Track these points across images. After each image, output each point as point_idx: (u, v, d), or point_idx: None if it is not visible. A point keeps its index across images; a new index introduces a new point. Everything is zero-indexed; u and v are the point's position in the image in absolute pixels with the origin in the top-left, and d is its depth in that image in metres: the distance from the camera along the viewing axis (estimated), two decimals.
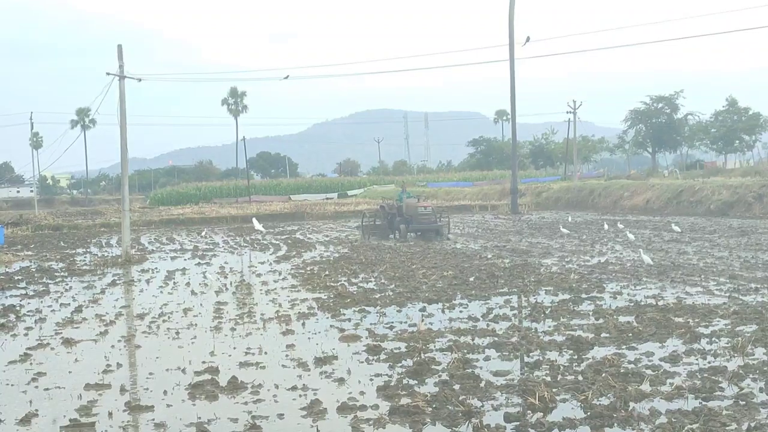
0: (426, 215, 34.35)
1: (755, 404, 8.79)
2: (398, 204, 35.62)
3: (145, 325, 15.34)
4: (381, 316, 15.50)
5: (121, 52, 30.24)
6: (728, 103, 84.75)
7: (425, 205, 35.17)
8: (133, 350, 13.25)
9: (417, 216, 34.16)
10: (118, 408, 9.59)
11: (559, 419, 8.47)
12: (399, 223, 34.57)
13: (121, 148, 30.37)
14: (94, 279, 23.86)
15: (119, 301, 19.31)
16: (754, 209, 43.37)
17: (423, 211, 34.38)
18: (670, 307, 14.92)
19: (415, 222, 34.23)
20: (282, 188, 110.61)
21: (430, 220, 34.43)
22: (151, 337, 14.21)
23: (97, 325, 15.59)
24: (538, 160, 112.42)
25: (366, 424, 8.65)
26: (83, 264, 28.57)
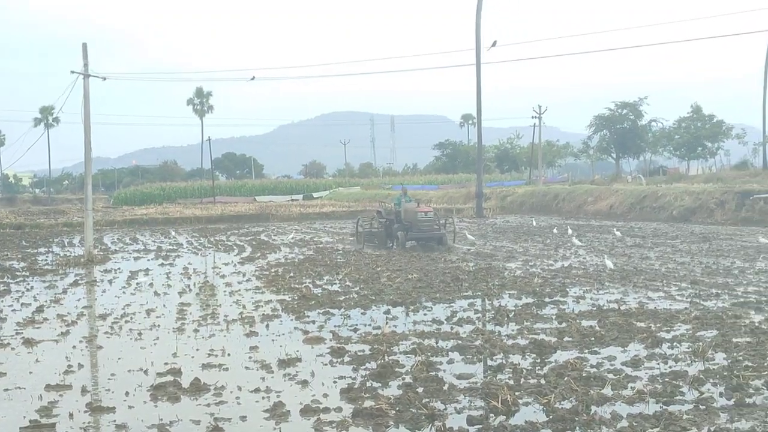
0: (426, 221, 30.50)
1: (715, 409, 8.88)
2: (396, 209, 31.89)
3: (108, 326, 15.21)
4: (345, 318, 15.48)
5: (86, 50, 29.98)
6: (693, 110, 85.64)
7: (425, 210, 31.16)
8: (95, 351, 13.13)
9: (416, 222, 30.38)
10: (79, 409, 9.50)
11: (521, 422, 8.51)
12: (397, 230, 31.00)
13: (85, 146, 30.10)
14: (55, 279, 23.62)
15: (81, 301, 19.12)
16: (715, 215, 43.85)
17: (423, 216, 30.44)
18: (632, 312, 15.04)
19: (414, 229, 30.49)
20: (247, 189, 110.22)
21: (431, 226, 30.65)
22: (113, 338, 14.09)
23: (59, 325, 15.44)
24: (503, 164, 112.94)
25: (329, 426, 8.64)
26: (45, 264, 28.28)
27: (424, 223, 30.36)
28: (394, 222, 31.43)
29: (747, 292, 17.42)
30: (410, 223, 30.47)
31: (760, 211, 41.44)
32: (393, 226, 31.35)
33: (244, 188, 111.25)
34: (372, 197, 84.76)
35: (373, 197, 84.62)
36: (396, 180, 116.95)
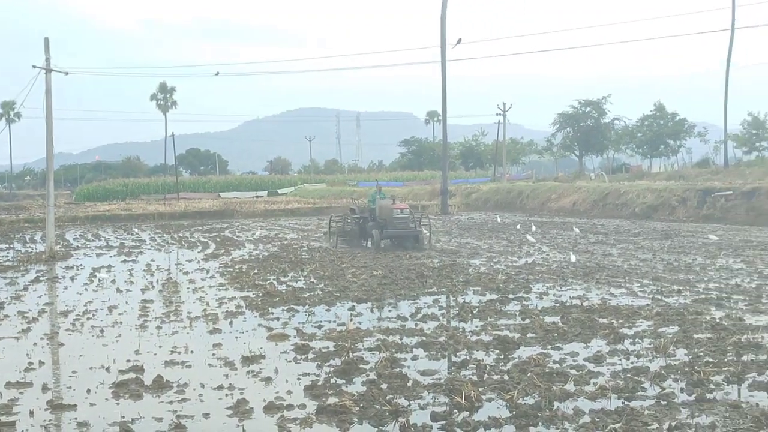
0: (402, 219, 29.00)
1: (676, 404, 8.97)
2: (371, 206, 30.67)
3: (69, 323, 15.08)
4: (310, 315, 15.46)
5: (48, 45, 29.66)
6: (656, 108, 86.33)
7: (401, 208, 29.55)
8: (56, 348, 13.01)
9: (392, 220, 28.89)
10: (40, 407, 9.40)
11: (484, 418, 8.54)
12: (372, 228, 29.59)
13: (47, 142, 29.79)
14: (16, 275, 23.37)
15: (42, 298, 18.93)
16: (677, 213, 44.26)
17: (398, 214, 28.93)
18: (594, 308, 15.15)
19: (389, 227, 29.01)
20: (211, 185, 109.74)
21: (407, 225, 29.21)
22: (74, 335, 13.97)
23: (20, 322, 15.28)
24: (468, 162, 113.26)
25: (293, 423, 8.62)
26: (6, 260, 27.96)
27: (400, 221, 29.01)
28: (368, 220, 30.27)
29: (708, 289, 17.60)
30: (385, 220, 29.18)
31: (721, 209, 41.88)
32: (367, 224, 30.18)
33: (208, 184, 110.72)
34: (337, 194, 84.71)
35: (338, 194, 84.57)
36: (362, 177, 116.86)
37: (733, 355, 11.13)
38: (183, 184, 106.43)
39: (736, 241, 28.97)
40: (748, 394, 9.40)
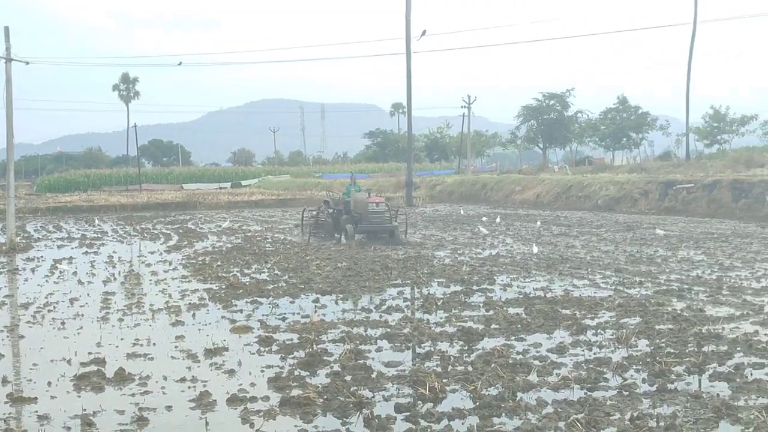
0: (378, 213, 28.09)
1: (638, 394, 9.04)
2: (345, 199, 29.60)
3: (30, 315, 14.91)
4: (273, 307, 15.40)
5: (8, 33, 29.27)
6: (619, 101, 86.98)
7: (377, 201, 28.67)
8: (17, 341, 12.87)
9: (367, 214, 27.95)
10: (0, 400, 9.29)
11: (448, 409, 8.56)
12: (346, 222, 28.66)
13: (7, 133, 29.41)
14: None
15: (2, 290, 18.70)
16: (639, 205, 44.64)
17: (374, 208, 28.06)
18: (557, 300, 15.24)
19: (364, 221, 28.03)
20: (174, 177, 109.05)
21: (383, 219, 28.27)
22: (35, 327, 13.82)
23: None
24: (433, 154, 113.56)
25: (256, 415, 8.58)
26: None
27: (375, 215, 28.07)
28: (342, 213, 29.27)
29: (669, 280, 17.77)
30: (360, 214, 28.23)
31: (682, 201, 42.31)
32: (341, 218, 29.16)
33: (170, 176, 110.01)
34: (302, 186, 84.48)
35: (302, 186, 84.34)
36: (326, 168, 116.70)
37: (694, 346, 11.24)
38: (145, 175, 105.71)
39: (697, 233, 29.28)
40: (708, 385, 9.50)
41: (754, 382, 9.43)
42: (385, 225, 28.31)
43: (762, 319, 13.24)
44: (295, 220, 42.36)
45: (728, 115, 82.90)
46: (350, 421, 8.40)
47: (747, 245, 24.77)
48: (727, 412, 8.21)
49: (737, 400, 8.72)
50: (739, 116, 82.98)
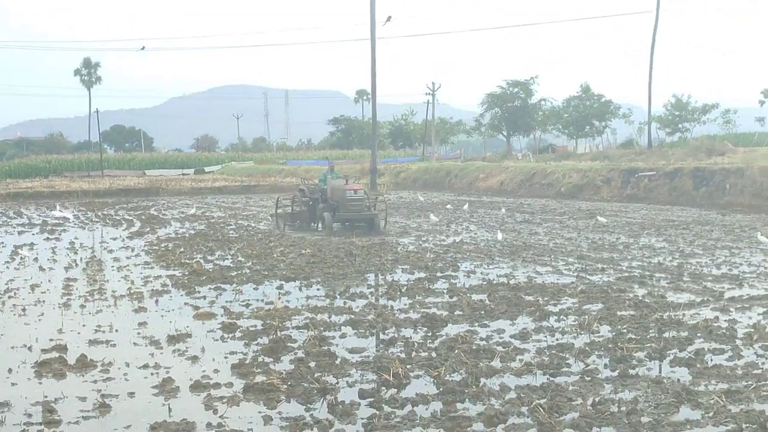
0: (356, 201, 26.53)
1: (600, 380, 9.13)
2: (321, 187, 28.27)
3: None
4: (237, 293, 15.34)
5: None
6: (582, 89, 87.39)
7: (355, 188, 27.02)
8: None
9: (345, 202, 26.44)
10: None
11: (412, 395, 8.58)
12: (323, 210, 27.15)
13: None
14: None
15: None
16: (602, 192, 44.97)
17: (352, 195, 26.41)
18: (521, 286, 15.32)
19: (342, 209, 26.55)
20: (136, 163, 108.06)
21: (362, 207, 26.78)
22: None
23: None
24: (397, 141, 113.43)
25: (219, 402, 8.56)
26: None
27: (354, 202, 26.49)
28: (319, 201, 27.74)
29: (631, 267, 17.94)
30: (338, 202, 26.71)
31: (644, 188, 42.67)
32: (318, 206, 27.66)
33: (133, 162, 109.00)
34: (265, 172, 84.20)
35: (266, 172, 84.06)
36: (290, 155, 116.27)
37: (655, 332, 11.36)
38: (107, 161, 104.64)
39: (658, 221, 29.55)
40: (669, 370, 9.61)
41: (713, 367, 9.55)
42: (364, 213, 26.97)
43: (722, 305, 13.40)
44: (259, 207, 42.23)
45: (690, 103, 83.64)
46: (314, 407, 8.40)
47: (707, 232, 25.04)
48: (687, 397, 8.30)
49: (697, 385, 8.83)
50: (701, 105, 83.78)
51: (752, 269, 17.35)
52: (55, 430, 7.82)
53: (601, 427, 7.54)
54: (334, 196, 26.98)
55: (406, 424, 7.75)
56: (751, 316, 12.60)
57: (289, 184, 64.23)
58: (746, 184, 37.05)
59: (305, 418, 8.00)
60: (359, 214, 26.80)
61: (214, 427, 7.75)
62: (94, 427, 7.85)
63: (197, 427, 7.75)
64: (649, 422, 7.65)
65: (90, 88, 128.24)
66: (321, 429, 7.66)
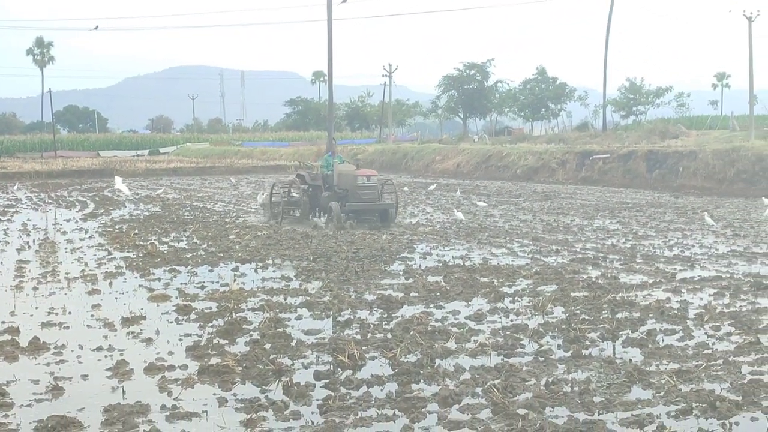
0: (369, 189, 23.04)
1: (553, 360, 9.21)
2: (325, 173, 24.34)
3: None
4: (192, 275, 15.26)
5: None
6: (538, 72, 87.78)
7: (368, 175, 23.56)
8: None
9: (356, 190, 22.87)
10: None
11: (367, 376, 8.60)
12: (328, 200, 23.49)
13: None
14: None
15: None
16: (557, 175, 45.31)
17: (365, 182, 22.96)
18: (476, 268, 15.40)
19: (353, 199, 22.89)
20: (90, 144, 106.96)
21: (375, 196, 23.29)
22: None
23: None
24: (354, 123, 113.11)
25: (174, 384, 8.52)
26: None
27: (367, 191, 22.94)
28: (322, 189, 24.16)
29: (585, 249, 18.11)
30: (347, 190, 23.10)
31: (599, 171, 43.07)
32: (321, 195, 24.10)
33: (87, 143, 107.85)
34: (221, 153, 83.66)
35: (222, 154, 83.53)
36: (246, 136, 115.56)
37: (608, 313, 11.48)
38: (61, 142, 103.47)
39: (612, 203, 29.86)
40: (621, 350, 9.73)
41: (665, 347, 9.68)
42: (378, 204, 23.43)
43: (674, 286, 13.57)
44: (215, 189, 42.00)
45: (644, 87, 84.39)
46: (269, 389, 8.39)
47: (660, 215, 25.36)
48: (639, 377, 8.41)
49: (649, 366, 8.94)
50: (655, 88, 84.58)
51: (704, 251, 17.60)
52: (7, 413, 7.73)
53: (554, 407, 7.61)
54: (341, 183, 23.32)
55: (361, 405, 7.77)
56: (702, 297, 12.77)
57: (246, 166, 63.99)
58: (699, 167, 37.56)
59: (260, 399, 7.99)
60: (372, 204, 23.30)
61: (168, 410, 7.71)
62: (47, 409, 7.76)
63: (151, 410, 7.70)
64: (601, 402, 7.74)
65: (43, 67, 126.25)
66: (276, 410, 7.66)
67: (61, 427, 7.23)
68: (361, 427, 7.26)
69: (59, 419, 7.33)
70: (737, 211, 26.24)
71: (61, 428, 7.23)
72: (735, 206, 27.93)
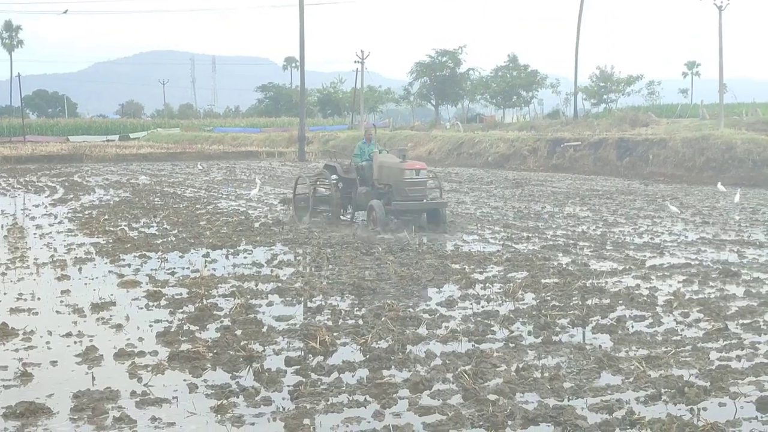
0: (418, 185, 18.93)
1: (523, 346, 9.26)
2: (358, 163, 20.53)
3: None
4: (162, 261, 15.19)
5: None
6: (509, 59, 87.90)
7: (417, 168, 19.16)
8: None
9: (402, 186, 18.74)
10: None
11: (339, 362, 8.61)
12: (366, 197, 19.62)
13: None
14: None
15: None
16: (528, 162, 45.42)
17: (414, 177, 18.81)
18: (447, 254, 15.44)
19: (399, 196, 18.75)
20: (60, 129, 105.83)
21: (424, 193, 19.26)
22: None
23: None
24: (326, 109, 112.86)
25: (144, 370, 8.48)
26: None
27: (416, 187, 18.89)
28: (356, 184, 20.26)
29: (556, 236, 18.19)
30: (390, 186, 19.10)
31: (569, 159, 43.21)
32: (357, 191, 20.21)
33: (56, 128, 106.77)
34: (192, 139, 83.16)
35: (193, 139, 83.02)
36: (217, 122, 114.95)
37: (578, 300, 11.55)
38: (30, 126, 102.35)
39: (583, 190, 30.00)
40: (591, 337, 9.80)
41: (634, 334, 9.76)
42: (430, 202, 19.42)
43: (643, 273, 13.68)
44: (185, 174, 41.76)
45: (614, 75, 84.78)
46: (240, 375, 8.37)
47: (630, 202, 25.51)
48: (608, 363, 8.47)
49: (618, 352, 9.01)
50: (626, 76, 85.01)
51: (673, 238, 17.73)
52: None
53: (524, 393, 7.65)
54: (383, 176, 19.44)
55: (332, 391, 7.78)
56: (672, 283, 12.88)
57: (217, 151, 63.69)
58: (668, 155, 37.78)
59: (231, 386, 7.98)
60: (424, 203, 19.22)
61: (138, 395, 7.68)
62: (16, 396, 7.70)
63: (121, 396, 7.67)
64: (571, 387, 7.79)
65: (11, 51, 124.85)
66: (247, 397, 7.64)
67: (30, 414, 7.19)
68: (332, 413, 7.26)
69: (28, 405, 7.28)
70: (706, 199, 26.43)
71: (30, 414, 7.18)
72: (704, 194, 28.14)
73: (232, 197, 28.28)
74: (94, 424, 7.03)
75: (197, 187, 32.95)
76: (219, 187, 33.19)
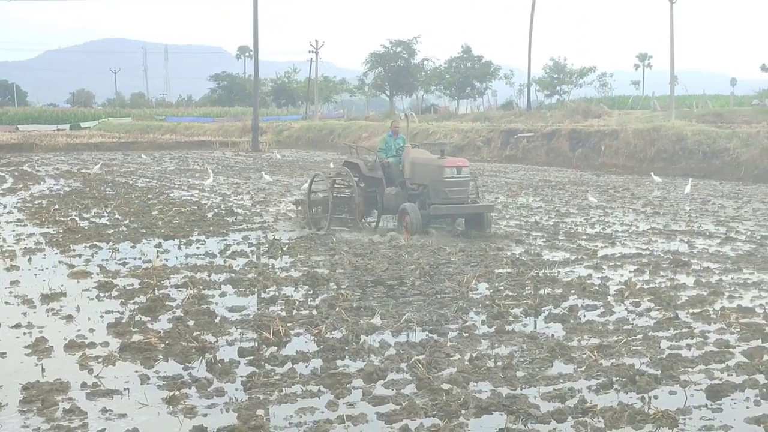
0: (460, 185, 16.73)
1: (477, 336, 9.30)
2: (383, 160, 18.01)
3: None
4: (114, 252, 15.02)
5: None
6: (463, 50, 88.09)
7: (459, 165, 16.95)
8: None
9: (441, 186, 16.46)
10: None
11: (292, 353, 8.58)
12: (396, 199, 17.20)
13: None
14: None
15: None
16: (482, 152, 45.63)
17: (454, 176, 16.55)
18: (402, 245, 15.43)
19: (437, 198, 16.47)
20: (9, 118, 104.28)
21: (467, 194, 17.13)
22: None
23: None
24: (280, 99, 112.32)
25: (95, 361, 8.38)
26: None
27: (457, 188, 16.65)
28: (383, 184, 17.71)
29: (509, 226, 18.29)
30: (425, 186, 16.79)
31: (523, 150, 43.50)
32: (384, 192, 17.64)
33: (5, 116, 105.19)
34: (143, 128, 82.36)
35: (144, 128, 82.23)
36: (170, 111, 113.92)
37: (530, 289, 11.63)
38: None
39: (536, 181, 30.20)
40: (544, 326, 9.87)
41: (586, 323, 9.84)
42: (472, 206, 17.18)
43: (595, 263, 13.80)
44: (137, 164, 41.33)
45: (567, 66, 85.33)
46: (192, 366, 8.31)
47: (582, 193, 25.71)
48: (561, 352, 8.54)
49: (570, 341, 9.08)
50: (579, 68, 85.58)
51: (624, 228, 17.92)
52: None
53: (477, 382, 7.68)
54: (417, 175, 17.13)
55: (285, 381, 7.75)
56: (623, 273, 13.01)
57: (169, 141, 63.12)
58: (620, 146, 38.16)
59: (183, 377, 7.92)
60: (466, 207, 17.03)
61: (89, 387, 7.60)
62: None
63: (71, 387, 7.57)
64: (524, 376, 7.84)
65: None
66: (199, 387, 7.59)
67: None
68: (286, 403, 7.24)
69: None
70: (657, 190, 26.73)
71: None
72: (655, 185, 28.47)
73: (185, 187, 28.06)
74: (44, 416, 6.93)
75: (149, 177, 32.64)
76: (171, 177, 32.91)
